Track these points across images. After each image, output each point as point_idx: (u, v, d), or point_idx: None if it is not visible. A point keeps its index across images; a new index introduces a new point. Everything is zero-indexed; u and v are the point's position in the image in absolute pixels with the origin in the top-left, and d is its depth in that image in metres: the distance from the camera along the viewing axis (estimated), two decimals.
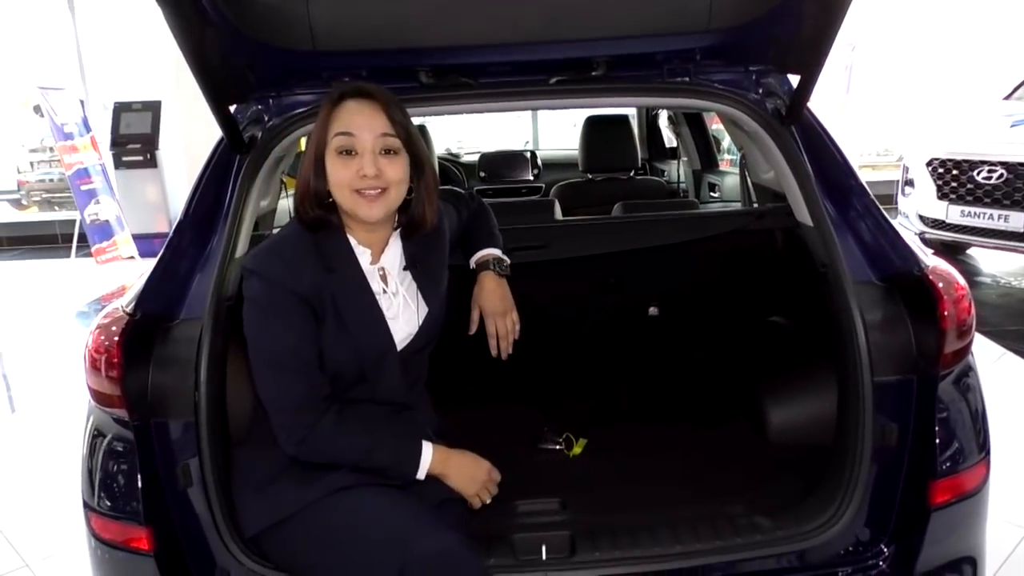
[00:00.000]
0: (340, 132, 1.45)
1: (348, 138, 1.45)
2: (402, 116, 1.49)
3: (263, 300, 1.45)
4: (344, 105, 1.47)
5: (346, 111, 1.47)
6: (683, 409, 2.29)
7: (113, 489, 1.55)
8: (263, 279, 1.44)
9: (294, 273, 1.44)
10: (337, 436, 1.46)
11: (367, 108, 1.46)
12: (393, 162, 1.47)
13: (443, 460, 1.54)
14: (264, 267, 1.45)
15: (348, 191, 1.46)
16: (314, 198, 1.49)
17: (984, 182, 5.51)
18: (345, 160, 1.46)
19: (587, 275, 2.25)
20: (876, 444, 1.57)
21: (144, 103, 7.96)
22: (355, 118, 1.46)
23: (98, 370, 1.53)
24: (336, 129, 1.46)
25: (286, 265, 1.45)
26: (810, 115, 1.86)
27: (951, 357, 1.57)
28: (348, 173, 1.45)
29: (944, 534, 1.57)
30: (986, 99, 6.93)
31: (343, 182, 1.46)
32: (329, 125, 1.47)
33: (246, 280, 1.49)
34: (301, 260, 1.46)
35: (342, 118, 1.46)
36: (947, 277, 1.61)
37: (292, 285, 1.44)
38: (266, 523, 1.47)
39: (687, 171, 4.23)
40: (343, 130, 1.45)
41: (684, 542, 1.59)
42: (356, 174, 1.44)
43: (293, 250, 1.48)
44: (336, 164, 1.46)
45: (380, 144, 1.46)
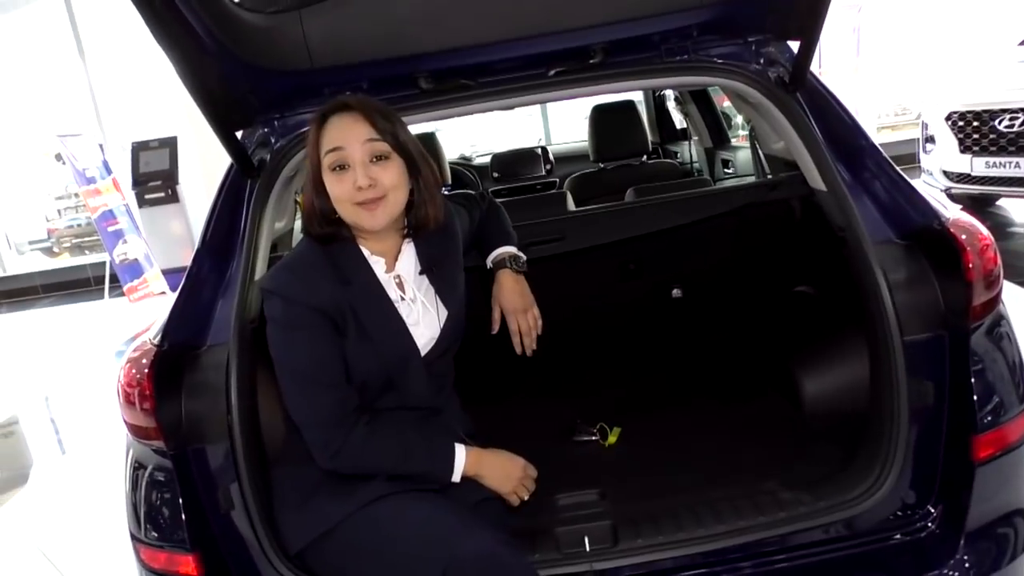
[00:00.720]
0: (330, 149, 1.47)
1: (338, 153, 1.47)
2: (387, 122, 1.50)
3: (284, 319, 1.46)
4: (329, 122, 1.49)
5: (332, 128, 1.49)
6: (715, 389, 2.27)
7: (158, 519, 1.57)
8: (281, 298, 1.46)
9: (311, 289, 1.46)
10: (370, 446, 1.47)
11: (351, 121, 1.48)
12: (386, 168, 1.48)
13: (476, 461, 1.55)
14: (281, 286, 1.47)
15: (349, 205, 1.48)
16: (320, 216, 1.51)
17: (1007, 131, 5.39)
18: (339, 175, 1.47)
19: (606, 263, 2.25)
20: (913, 404, 1.54)
21: (161, 140, 8.09)
22: (341, 133, 1.48)
23: (132, 404, 1.56)
24: (326, 147, 1.48)
25: (302, 282, 1.47)
26: (814, 80, 1.83)
27: (980, 309, 1.53)
28: (345, 188, 1.47)
29: (991, 489, 1.54)
30: (1000, 46, 6.78)
31: (342, 197, 1.47)
32: (319, 144, 1.49)
33: (266, 301, 1.51)
34: (316, 275, 1.48)
35: (329, 135, 1.48)
36: (969, 228, 1.58)
37: (310, 301, 1.45)
38: (309, 538, 1.49)
39: (699, 150, 4.20)
40: (332, 146, 1.47)
41: (727, 521, 1.58)
42: (352, 187, 1.46)
43: (307, 267, 1.49)
44: (332, 181, 1.48)
45: (369, 152, 1.47)
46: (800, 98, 1.80)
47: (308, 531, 1.49)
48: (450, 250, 1.68)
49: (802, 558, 1.54)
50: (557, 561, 1.56)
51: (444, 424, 1.62)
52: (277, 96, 1.86)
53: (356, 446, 1.46)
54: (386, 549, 1.41)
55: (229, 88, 1.72)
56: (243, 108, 1.83)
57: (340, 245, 1.54)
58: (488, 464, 1.56)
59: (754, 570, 1.54)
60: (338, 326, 1.48)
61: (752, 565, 1.53)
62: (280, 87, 1.82)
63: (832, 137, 1.76)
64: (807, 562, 1.54)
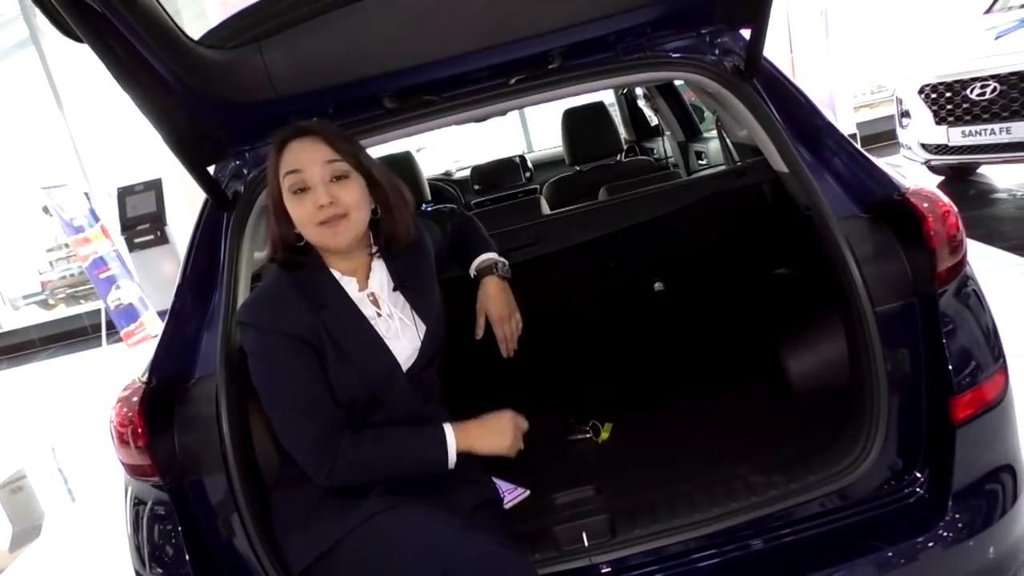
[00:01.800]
0: (288, 172, 1.49)
1: (298, 175, 1.49)
2: (346, 143, 1.53)
3: (261, 349, 1.48)
4: (288, 148, 1.51)
5: (290, 152, 1.51)
6: (703, 377, 2.30)
7: (161, 553, 1.59)
8: (256, 329, 1.48)
9: (284, 318, 1.48)
10: (361, 454, 1.49)
11: (309, 144, 1.50)
12: (345, 186, 1.50)
13: (464, 434, 1.54)
14: (254, 318, 1.49)
15: (312, 226, 1.50)
16: (284, 243, 1.54)
17: (979, 99, 5.44)
18: (300, 198, 1.49)
19: (586, 263, 2.28)
20: (891, 373, 1.57)
21: (145, 184, 8.13)
22: (299, 156, 1.50)
23: (126, 443, 1.58)
24: (284, 170, 1.50)
25: (273, 311, 1.49)
26: (769, 65, 1.87)
27: (946, 273, 1.57)
28: (306, 209, 1.49)
29: (974, 448, 1.56)
30: (967, 16, 6.85)
31: (305, 219, 1.49)
32: (278, 169, 1.51)
33: (242, 334, 1.53)
34: (288, 303, 1.50)
35: (288, 159, 1.50)
36: (929, 196, 1.61)
37: (285, 329, 1.47)
38: (311, 558, 1.50)
39: (672, 144, 4.24)
40: (290, 169, 1.49)
41: (721, 504, 1.61)
42: (314, 208, 1.48)
43: (278, 295, 1.51)
44: (293, 204, 1.50)
45: (328, 172, 1.50)
46: (757, 84, 1.83)
47: (310, 551, 1.51)
48: (422, 265, 1.70)
49: (798, 532, 1.57)
50: (556, 559, 1.58)
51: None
52: (245, 128, 1.89)
53: (348, 458, 1.48)
54: (386, 561, 1.43)
55: (197, 124, 1.75)
56: (213, 143, 1.86)
57: (309, 270, 1.56)
58: (475, 432, 1.56)
59: (753, 549, 1.56)
60: (317, 350, 1.50)
61: (749, 544, 1.56)
62: (247, 119, 1.85)
63: (791, 119, 1.80)
64: (803, 536, 1.56)
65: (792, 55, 7.71)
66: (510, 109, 2.04)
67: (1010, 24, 5.66)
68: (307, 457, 1.49)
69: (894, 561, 1.53)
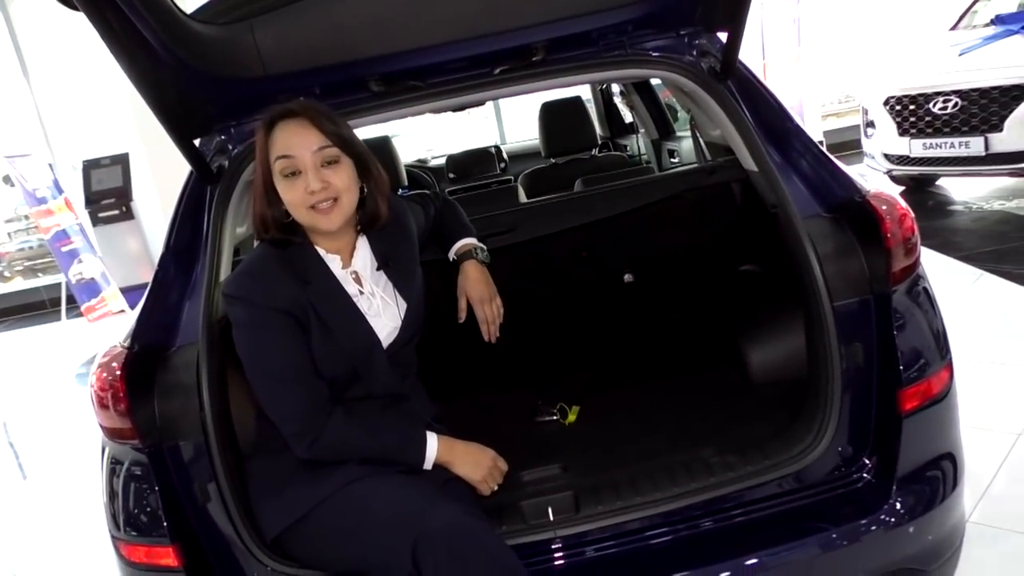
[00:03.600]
0: (279, 156, 1.52)
1: (289, 161, 1.52)
2: (333, 125, 1.55)
3: (248, 321, 1.53)
4: (277, 129, 1.54)
5: (280, 135, 1.53)
6: (668, 365, 2.38)
7: (137, 514, 1.63)
8: (243, 301, 1.52)
9: (270, 291, 1.52)
10: (346, 435, 1.55)
11: (297, 127, 1.53)
12: (337, 171, 1.54)
13: (448, 448, 1.62)
14: (241, 290, 1.53)
15: (303, 209, 1.53)
16: (272, 222, 1.57)
17: (941, 112, 5.62)
18: (292, 182, 1.53)
19: (561, 252, 2.34)
20: (845, 365, 1.66)
21: (112, 158, 7.98)
22: (290, 140, 1.52)
23: (106, 407, 1.61)
24: (275, 154, 1.53)
25: (261, 285, 1.53)
26: (743, 68, 1.94)
27: (901, 273, 1.66)
28: (297, 193, 1.52)
29: (918, 438, 1.66)
30: (933, 32, 7.05)
31: (296, 202, 1.53)
32: (268, 151, 1.54)
33: (229, 306, 1.57)
34: (275, 277, 1.54)
35: (277, 143, 1.53)
36: (888, 200, 1.70)
37: (271, 303, 1.51)
38: (285, 524, 1.55)
39: (646, 142, 4.33)
40: (281, 154, 1.52)
41: (681, 483, 1.68)
42: (305, 192, 1.52)
43: (265, 269, 1.55)
44: (284, 187, 1.54)
45: (319, 158, 1.53)
46: (731, 86, 1.91)
47: (284, 518, 1.55)
48: (404, 245, 1.75)
49: (751, 512, 1.65)
50: (523, 531, 1.65)
51: (410, 410, 1.70)
52: (232, 104, 1.92)
53: (332, 435, 1.53)
54: (358, 528, 1.48)
55: (186, 98, 1.77)
56: (200, 117, 1.89)
57: (295, 247, 1.60)
58: (459, 453, 1.63)
59: (711, 526, 1.64)
60: (301, 324, 1.55)
61: (709, 521, 1.64)
62: (235, 95, 1.88)
63: (761, 121, 1.87)
64: (756, 516, 1.64)
65: (764, 61, 7.86)
66: (493, 98, 2.09)
67: (974, 42, 5.85)
68: (293, 426, 1.53)
69: (839, 541, 1.62)
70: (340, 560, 1.54)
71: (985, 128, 5.40)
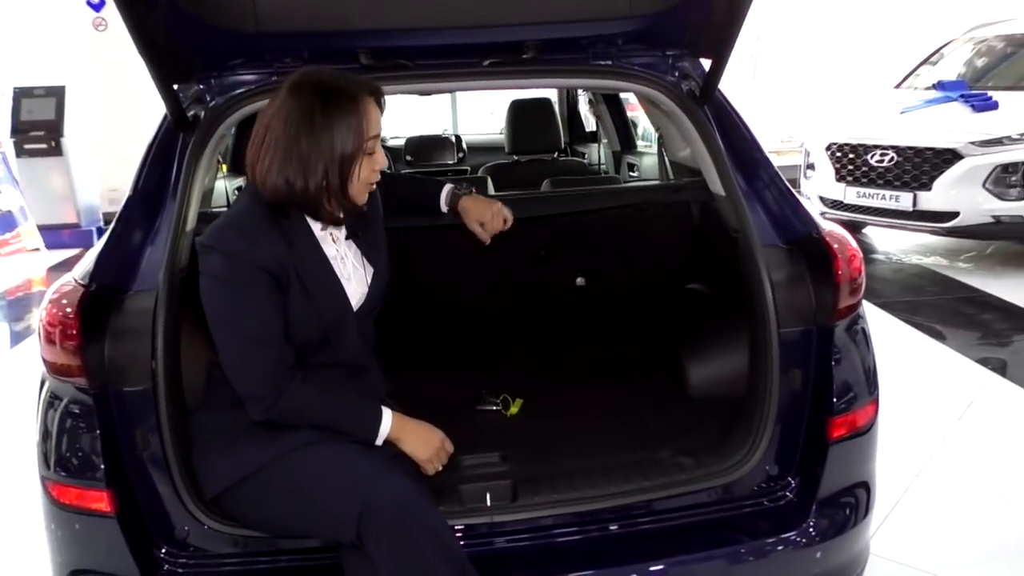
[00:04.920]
0: (375, 135, 1.55)
1: (377, 140, 1.57)
2: None
3: (227, 275, 1.49)
4: (370, 107, 1.53)
5: (373, 114, 1.54)
6: (612, 370, 2.46)
7: (73, 454, 1.59)
8: (225, 255, 1.49)
9: (256, 247, 1.49)
10: (305, 401, 1.54)
11: (377, 108, 1.56)
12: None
13: (400, 426, 1.63)
14: (225, 243, 1.50)
15: (365, 185, 1.57)
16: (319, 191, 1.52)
17: (877, 164, 5.92)
18: (369, 159, 1.55)
19: (520, 248, 2.38)
20: (783, 388, 1.76)
21: (47, 88, 7.61)
22: (378, 119, 1.56)
23: (53, 342, 1.57)
24: (372, 131, 1.53)
25: (248, 240, 1.50)
26: (721, 96, 2.03)
27: (845, 310, 1.77)
28: (370, 170, 1.56)
29: (841, 465, 1.78)
30: (878, 88, 7.41)
31: (368, 179, 1.56)
32: (365, 126, 1.51)
33: (204, 256, 1.52)
34: (262, 235, 1.51)
35: (375, 121, 1.55)
36: (841, 240, 1.81)
37: (255, 259, 1.49)
38: (229, 482, 1.55)
39: (607, 152, 4.43)
40: (376, 133, 1.55)
41: (616, 483, 1.75)
42: (373, 170, 1.56)
43: (252, 225, 1.52)
44: (366, 163, 1.54)
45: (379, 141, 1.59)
46: (708, 111, 1.99)
47: (230, 474, 1.55)
48: (372, 215, 1.77)
49: (681, 519, 1.73)
50: (460, 513, 1.69)
51: (369, 382, 1.72)
52: (218, 54, 1.89)
53: (291, 401, 1.53)
54: (306, 492, 1.49)
55: (173, 41, 1.74)
56: (184, 62, 1.86)
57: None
58: (410, 431, 1.65)
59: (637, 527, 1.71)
60: (281, 284, 1.53)
61: (635, 521, 1.72)
62: (223, 46, 1.86)
63: (732, 149, 1.96)
64: (686, 522, 1.73)
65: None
66: (478, 89, 2.12)
67: (916, 103, 6.18)
68: (253, 387, 1.52)
69: (755, 555, 1.72)
70: (282, 522, 1.55)
71: (915, 185, 5.71)
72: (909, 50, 7.90)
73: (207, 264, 1.52)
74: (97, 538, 1.60)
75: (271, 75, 1.89)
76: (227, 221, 1.57)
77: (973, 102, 5.86)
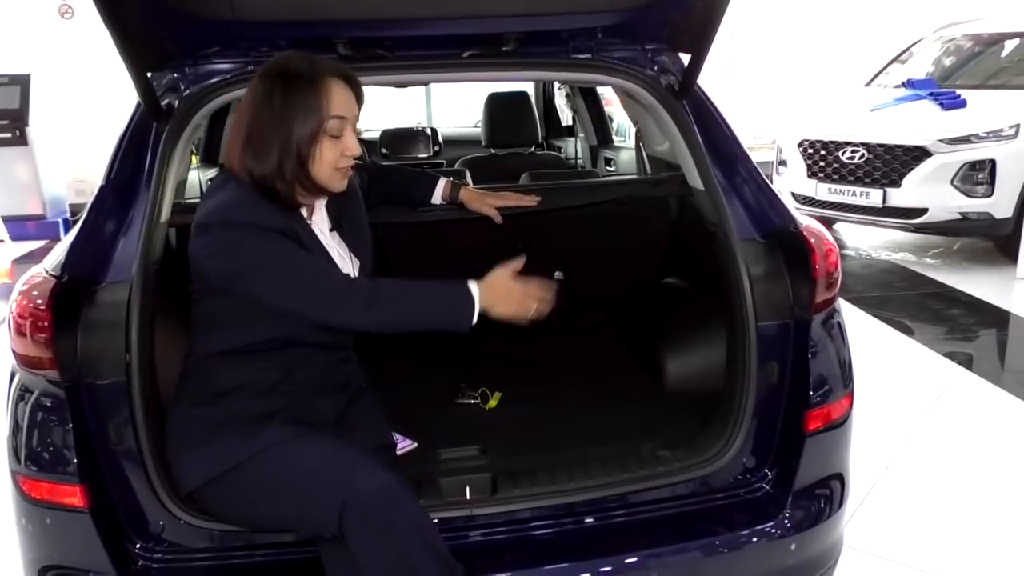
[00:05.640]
0: (337, 116, 1.52)
1: (342, 122, 1.53)
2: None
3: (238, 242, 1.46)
4: (334, 87, 1.52)
5: (340, 96, 1.53)
6: (590, 363, 2.46)
7: (44, 449, 1.56)
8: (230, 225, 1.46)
9: (260, 214, 1.48)
10: (400, 286, 1.53)
11: (347, 92, 1.55)
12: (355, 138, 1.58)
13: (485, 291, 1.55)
14: (226, 216, 1.47)
15: (331, 168, 1.55)
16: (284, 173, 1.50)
17: (848, 161, 6.00)
18: (334, 142, 1.53)
19: (498, 240, 2.37)
20: (760, 381, 1.78)
21: (11, 77, 7.45)
22: (348, 103, 1.55)
23: (24, 334, 1.53)
24: (333, 112, 1.51)
25: (249, 210, 1.48)
26: (699, 91, 2.04)
27: (821, 304, 1.79)
28: (335, 153, 1.53)
29: (816, 457, 1.80)
30: (849, 86, 7.50)
31: (331, 161, 1.53)
32: (325, 107, 1.50)
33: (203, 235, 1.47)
34: (261, 205, 1.50)
35: (339, 103, 1.52)
36: (818, 234, 1.83)
37: (264, 222, 1.47)
38: (210, 475, 1.52)
39: (584, 147, 4.43)
40: (339, 114, 1.52)
41: (595, 476, 1.76)
42: (340, 154, 1.54)
43: (250, 199, 1.50)
44: (328, 145, 1.52)
45: (353, 125, 1.58)
46: (686, 105, 2.00)
47: (209, 469, 1.52)
48: (354, 208, 1.77)
49: (659, 510, 1.74)
50: (439, 506, 1.68)
51: (350, 371, 1.72)
52: (193, 42, 1.86)
53: (389, 288, 1.53)
54: (288, 486, 1.47)
55: (147, 28, 1.70)
56: (158, 50, 1.82)
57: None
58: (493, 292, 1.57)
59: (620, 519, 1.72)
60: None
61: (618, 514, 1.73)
62: (198, 34, 1.82)
63: (711, 143, 1.96)
64: (664, 514, 1.74)
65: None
66: (457, 80, 2.10)
67: (886, 101, 6.27)
68: (343, 294, 1.48)
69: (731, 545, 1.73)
70: (261, 517, 1.53)
71: (885, 182, 5.81)
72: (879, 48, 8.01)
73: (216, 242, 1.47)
74: (70, 533, 1.57)
75: (247, 64, 1.86)
76: (221, 200, 1.51)
77: (942, 100, 5.96)
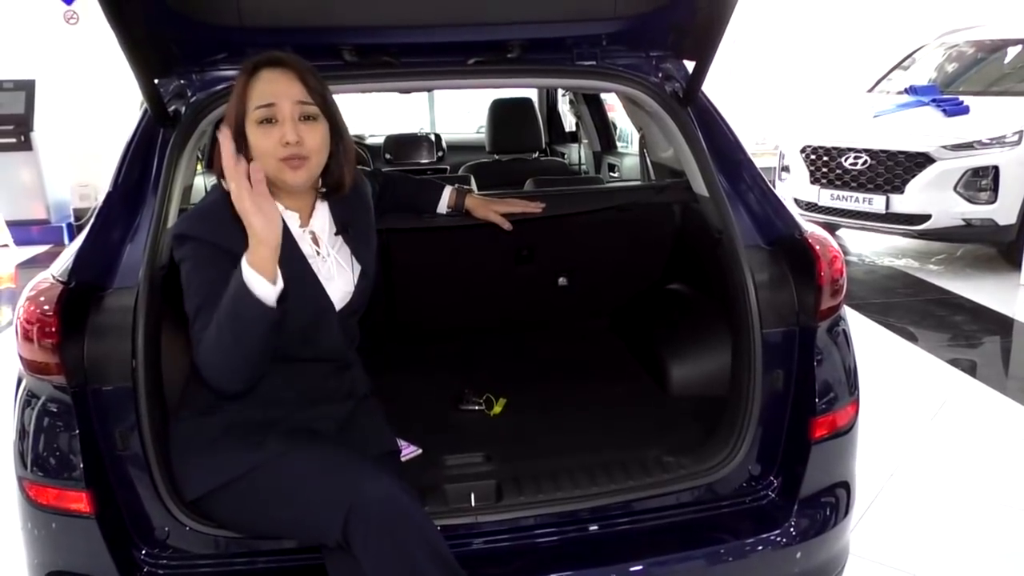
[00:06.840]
0: (260, 105, 1.48)
1: (269, 109, 1.48)
2: (317, 83, 1.53)
3: (192, 256, 1.47)
4: (260, 75, 1.49)
5: (263, 81, 1.49)
6: (594, 369, 2.46)
7: (51, 454, 1.56)
8: (192, 239, 1.47)
9: (225, 233, 1.45)
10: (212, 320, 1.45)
11: (283, 76, 1.50)
12: (312, 129, 1.51)
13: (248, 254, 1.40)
14: (193, 229, 1.48)
15: (273, 160, 1.49)
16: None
17: (851, 167, 6.00)
18: (266, 129, 1.48)
19: (503, 247, 2.38)
20: (765, 389, 1.77)
21: (16, 82, 7.48)
22: (273, 87, 1.49)
23: (31, 340, 1.54)
24: (256, 102, 1.48)
25: (209, 224, 1.47)
26: (704, 98, 2.04)
27: (827, 311, 1.79)
28: (271, 142, 1.48)
29: (822, 465, 1.80)
30: (852, 92, 7.50)
31: (268, 151, 1.48)
32: (248, 97, 1.49)
33: (176, 247, 1.50)
34: (227, 220, 1.45)
35: (260, 89, 1.49)
36: (823, 241, 1.83)
37: (217, 240, 1.46)
38: (214, 484, 1.52)
39: (587, 153, 4.44)
40: (263, 102, 1.48)
41: (600, 483, 1.76)
42: (279, 142, 1.47)
43: (218, 211, 1.48)
44: (258, 134, 1.48)
45: (299, 111, 1.50)
46: (691, 112, 2.00)
47: (213, 478, 1.52)
48: (363, 213, 1.75)
49: (664, 518, 1.74)
50: (444, 513, 1.68)
51: (352, 378, 1.70)
52: (200, 49, 1.87)
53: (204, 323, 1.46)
54: (292, 495, 1.46)
55: (154, 34, 1.71)
56: (164, 56, 1.83)
57: None
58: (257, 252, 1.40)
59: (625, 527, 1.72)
60: None
61: (623, 522, 1.72)
62: (205, 40, 1.84)
63: (715, 150, 1.97)
64: (669, 522, 1.73)
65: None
66: (461, 87, 2.11)
67: (889, 107, 6.27)
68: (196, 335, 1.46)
69: (737, 554, 1.73)
70: (267, 524, 1.53)
71: (888, 188, 5.80)
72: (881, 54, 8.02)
73: (178, 254, 1.50)
74: (76, 539, 1.57)
75: None
76: (197, 210, 1.55)
77: (945, 106, 5.96)
